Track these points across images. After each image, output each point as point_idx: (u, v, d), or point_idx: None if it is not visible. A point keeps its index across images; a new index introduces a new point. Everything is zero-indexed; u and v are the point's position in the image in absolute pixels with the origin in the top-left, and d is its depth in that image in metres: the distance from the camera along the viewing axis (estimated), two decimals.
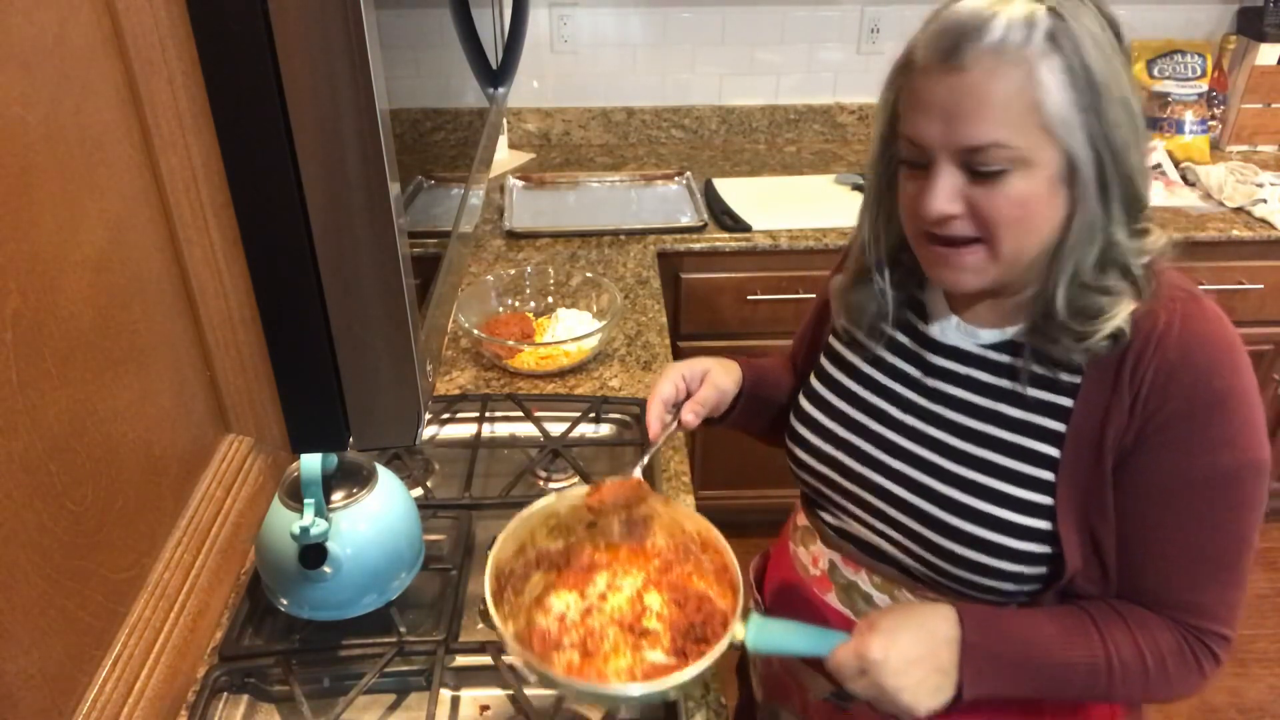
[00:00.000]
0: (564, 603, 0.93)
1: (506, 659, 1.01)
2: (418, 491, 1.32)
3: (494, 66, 0.97)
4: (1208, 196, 2.32)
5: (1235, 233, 2.17)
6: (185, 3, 0.42)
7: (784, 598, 1.12)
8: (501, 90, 1.00)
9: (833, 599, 1.04)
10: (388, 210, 0.47)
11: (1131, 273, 0.85)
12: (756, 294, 2.15)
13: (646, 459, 1.00)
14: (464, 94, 0.85)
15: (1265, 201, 2.24)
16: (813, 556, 1.07)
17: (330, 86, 0.44)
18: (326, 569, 1.01)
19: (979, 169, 0.80)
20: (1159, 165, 2.44)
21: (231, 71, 0.43)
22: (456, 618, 1.12)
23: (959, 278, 0.86)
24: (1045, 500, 0.87)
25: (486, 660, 1.05)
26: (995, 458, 0.89)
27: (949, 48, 0.79)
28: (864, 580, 1.01)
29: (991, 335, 0.93)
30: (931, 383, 0.96)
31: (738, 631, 0.86)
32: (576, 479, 1.37)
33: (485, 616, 0.87)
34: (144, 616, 0.42)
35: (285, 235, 0.47)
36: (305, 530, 0.98)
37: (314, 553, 0.99)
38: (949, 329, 0.96)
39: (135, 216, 0.42)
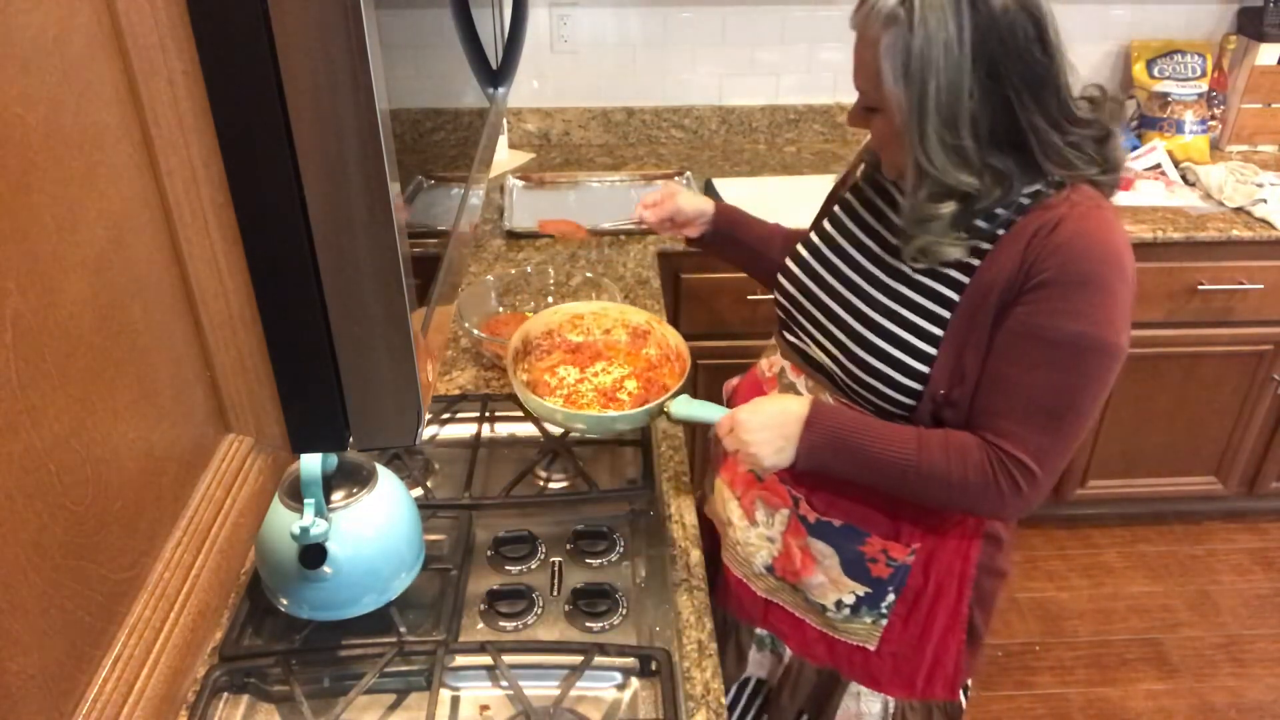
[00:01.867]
0: (567, 371, 1.33)
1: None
2: (418, 491, 1.32)
3: (494, 66, 0.97)
4: (1208, 196, 2.31)
5: (1235, 233, 2.17)
6: (185, 3, 0.42)
7: (744, 395, 1.36)
8: (501, 90, 1.00)
9: (775, 394, 1.29)
10: (388, 210, 0.47)
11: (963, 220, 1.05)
12: (756, 294, 2.15)
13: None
14: (464, 94, 0.85)
15: (1265, 201, 2.24)
16: (770, 364, 1.33)
17: (330, 86, 0.44)
18: (326, 569, 1.01)
19: (862, 104, 1.07)
20: (1159, 165, 2.44)
21: (231, 71, 0.43)
22: (456, 618, 1.12)
23: (884, 170, 1.15)
24: (937, 331, 1.08)
25: (486, 660, 1.05)
26: (908, 291, 1.11)
27: (854, 12, 1.03)
28: (801, 383, 1.24)
29: None
30: (881, 230, 1.17)
31: (668, 402, 1.19)
32: (576, 479, 1.37)
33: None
34: (144, 616, 0.42)
35: (285, 235, 0.47)
36: (305, 530, 0.98)
37: (314, 553, 0.99)
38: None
39: (135, 216, 0.42)
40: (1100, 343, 1.00)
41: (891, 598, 1.22)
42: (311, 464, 0.98)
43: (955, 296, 1.07)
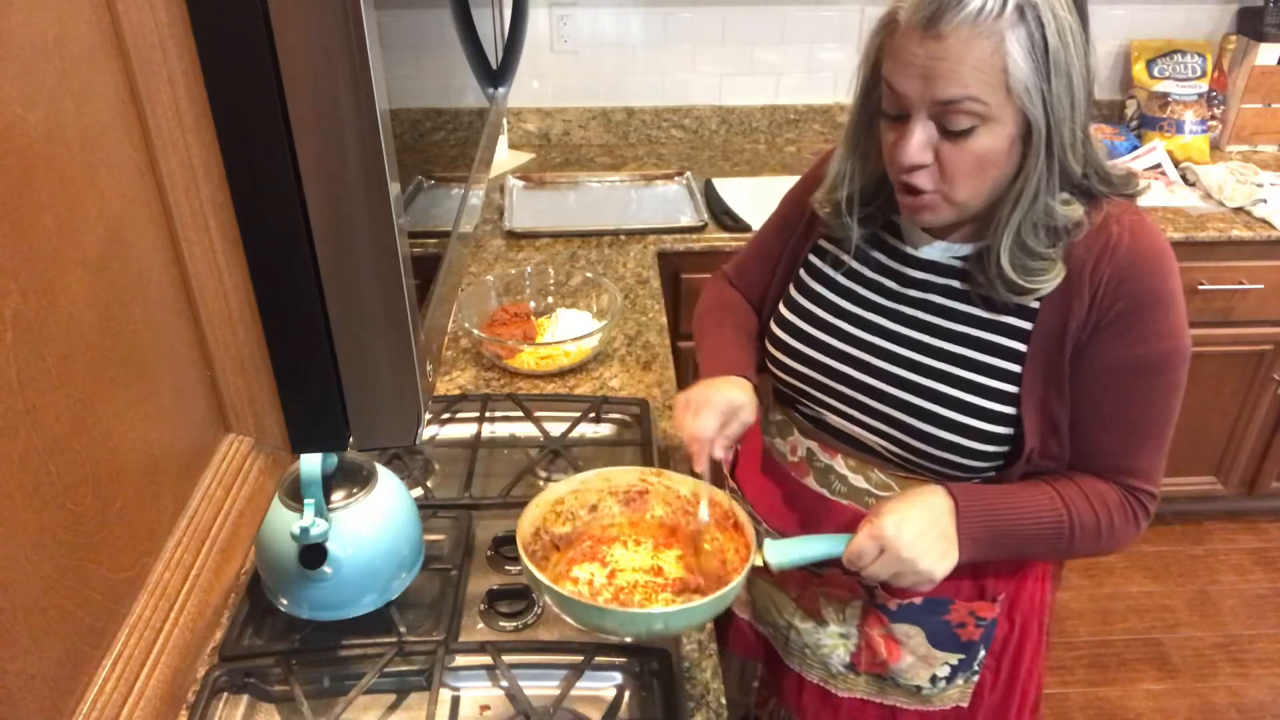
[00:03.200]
0: (588, 573, 1.07)
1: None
2: (418, 491, 1.32)
3: (494, 66, 0.97)
4: (1208, 196, 2.31)
5: (1235, 233, 2.17)
6: (185, 3, 0.42)
7: (762, 485, 1.24)
8: (501, 90, 1.00)
9: (810, 481, 1.17)
10: (388, 210, 0.47)
11: (1060, 237, 0.97)
12: None
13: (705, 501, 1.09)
14: (464, 94, 0.85)
15: (1265, 201, 2.24)
16: (790, 445, 1.20)
17: (330, 86, 0.44)
18: (326, 569, 1.01)
19: (950, 125, 0.91)
20: (1159, 165, 2.44)
21: (231, 71, 0.43)
22: (456, 618, 1.12)
23: (921, 217, 1.00)
24: (1011, 389, 1.01)
25: (486, 660, 1.05)
26: (967, 352, 1.03)
27: (930, 15, 0.88)
28: (839, 464, 1.14)
29: (963, 248, 1.05)
30: (908, 291, 1.08)
31: (758, 555, 0.99)
32: None
33: (532, 581, 0.99)
34: (144, 616, 0.42)
35: (285, 235, 0.47)
36: (305, 530, 0.98)
37: (314, 553, 0.99)
38: (922, 243, 1.08)
39: (135, 216, 0.42)
40: (1183, 351, 0.99)
41: (983, 654, 1.17)
42: (311, 464, 0.98)
43: (1022, 347, 1.00)
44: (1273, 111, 2.58)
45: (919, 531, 0.95)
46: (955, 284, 1.05)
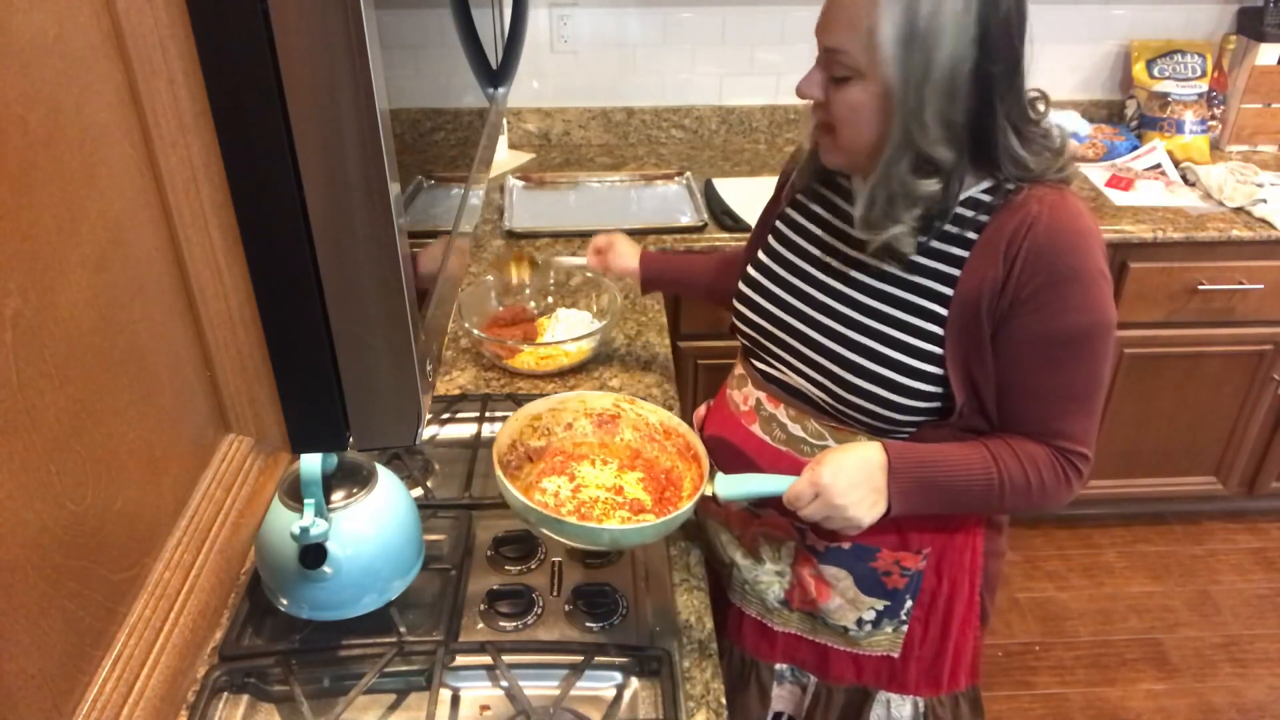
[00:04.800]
0: (554, 485, 1.16)
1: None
2: (418, 491, 1.32)
3: (494, 66, 0.97)
4: (1208, 196, 2.31)
5: (1235, 233, 2.17)
6: (185, 3, 0.42)
7: (718, 431, 1.30)
8: (501, 90, 1.00)
9: (756, 429, 1.23)
10: (388, 210, 0.47)
11: (917, 205, 1.03)
12: None
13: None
14: (464, 94, 0.85)
15: (1265, 201, 2.24)
16: (744, 396, 1.26)
17: (330, 86, 0.44)
18: (326, 569, 1.01)
19: (833, 72, 1.00)
20: (1159, 165, 2.44)
21: (231, 71, 0.43)
22: (456, 618, 1.12)
23: (824, 156, 1.09)
24: (935, 350, 1.06)
25: (486, 660, 1.05)
26: (893, 311, 1.08)
27: None
28: (781, 413, 1.20)
29: None
30: (850, 251, 1.13)
31: (708, 486, 1.07)
32: None
33: (503, 491, 1.05)
34: (144, 616, 0.42)
35: (285, 235, 0.47)
36: (305, 530, 0.98)
37: (314, 553, 0.99)
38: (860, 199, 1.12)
39: (135, 216, 0.42)
40: (1104, 323, 1.03)
41: (909, 604, 1.22)
42: (311, 464, 0.98)
43: (942, 310, 1.05)
44: (1273, 111, 2.58)
45: (852, 483, 1.03)
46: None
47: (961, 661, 1.28)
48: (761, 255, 1.24)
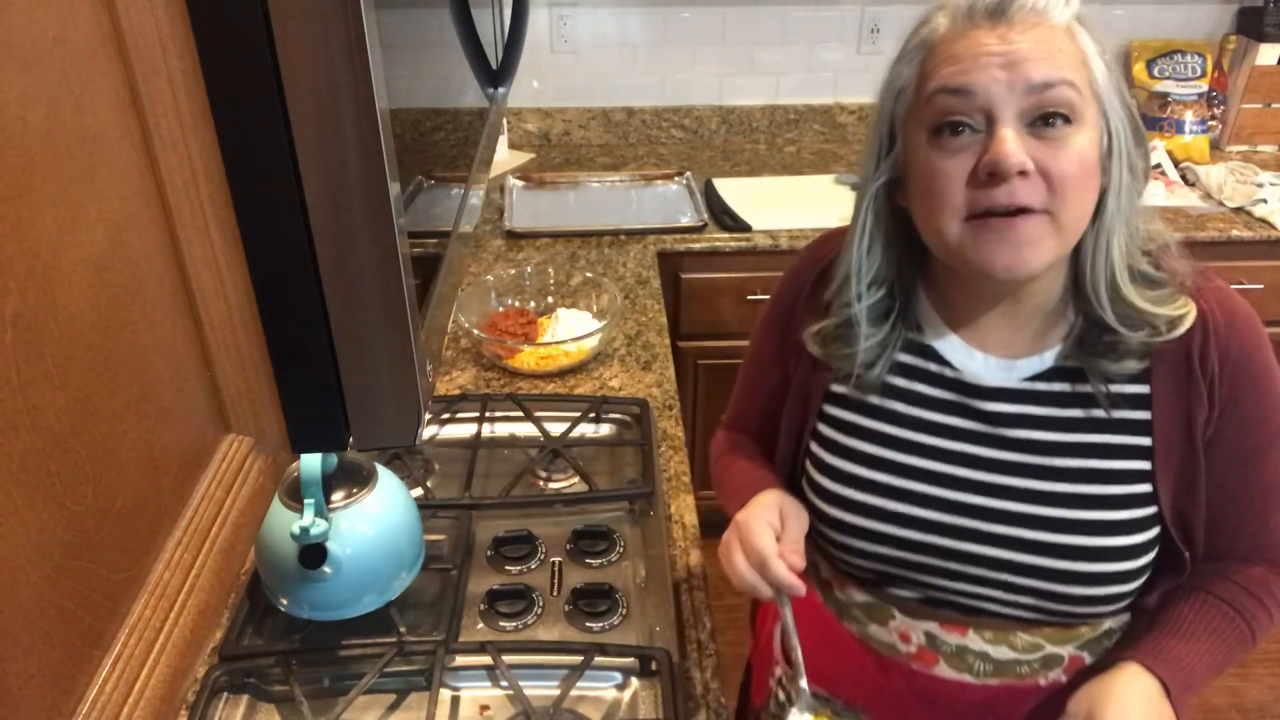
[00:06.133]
0: None
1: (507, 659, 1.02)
2: (418, 491, 1.32)
3: (494, 66, 0.97)
4: (1208, 196, 2.31)
5: (1235, 233, 2.17)
6: (185, 3, 0.42)
7: (871, 687, 1.00)
8: (501, 90, 1.00)
9: (943, 670, 0.96)
10: (388, 210, 0.47)
11: (1154, 259, 0.87)
12: (756, 294, 2.15)
13: (796, 644, 0.93)
14: (464, 94, 0.85)
15: (1265, 201, 2.24)
16: (899, 633, 0.98)
17: (330, 86, 0.44)
18: (326, 569, 1.01)
19: (1047, 117, 0.76)
20: (1159, 165, 2.44)
21: (231, 71, 0.43)
22: (456, 618, 1.12)
23: (1020, 255, 0.78)
24: (1148, 512, 0.88)
25: (486, 660, 1.05)
26: (1091, 489, 0.88)
27: (994, 6, 0.77)
28: (973, 640, 0.95)
29: (1030, 365, 0.91)
30: (992, 430, 0.91)
31: None
32: (576, 479, 1.37)
33: None
34: (144, 616, 0.42)
35: (285, 235, 0.47)
36: (305, 530, 0.98)
37: (314, 553, 0.99)
38: (977, 367, 0.92)
39: (135, 216, 0.42)
40: None
41: None
42: (311, 464, 0.98)
43: (1146, 465, 0.88)
44: (1273, 111, 2.58)
45: None
46: (1039, 412, 0.90)
47: None
48: (843, 463, 0.96)
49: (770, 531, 0.91)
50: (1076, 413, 0.89)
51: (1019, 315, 0.90)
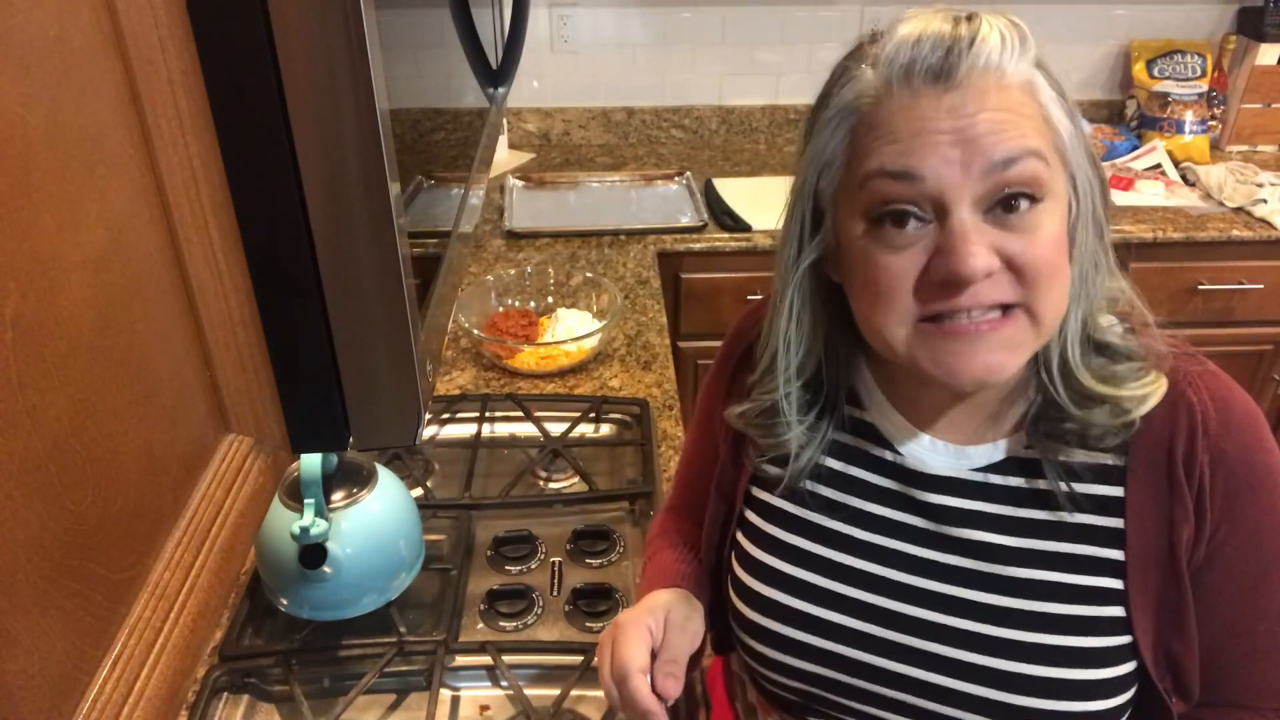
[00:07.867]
0: None
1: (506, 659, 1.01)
2: (418, 491, 1.32)
3: (494, 66, 0.97)
4: (1208, 196, 2.31)
5: (1235, 233, 2.17)
6: (185, 3, 0.42)
7: None
8: (501, 90, 1.00)
9: None
10: (388, 210, 0.47)
11: (1124, 320, 0.74)
12: (756, 294, 2.15)
13: None
14: (464, 94, 0.85)
15: (1265, 201, 2.24)
16: None
17: (330, 86, 0.44)
18: (326, 569, 1.01)
19: (1009, 200, 0.64)
20: (1159, 165, 2.44)
21: (231, 71, 0.43)
22: (456, 618, 1.12)
23: (993, 362, 0.66)
24: (1122, 640, 0.73)
25: (486, 660, 1.05)
26: (1052, 608, 0.73)
27: (938, 65, 0.63)
28: None
29: (980, 454, 0.77)
30: (936, 528, 0.77)
31: None
32: (576, 479, 1.37)
33: None
34: (144, 616, 0.42)
35: (285, 235, 0.47)
36: (305, 530, 0.98)
37: (314, 553, 0.99)
38: (923, 452, 0.79)
39: (135, 216, 0.42)
40: None
41: None
42: (311, 464, 0.98)
43: (1118, 584, 0.72)
44: (1273, 111, 2.58)
45: None
46: (991, 509, 0.76)
47: None
48: (772, 559, 0.82)
49: (645, 641, 0.78)
50: (1037, 513, 0.75)
51: (974, 400, 0.77)
